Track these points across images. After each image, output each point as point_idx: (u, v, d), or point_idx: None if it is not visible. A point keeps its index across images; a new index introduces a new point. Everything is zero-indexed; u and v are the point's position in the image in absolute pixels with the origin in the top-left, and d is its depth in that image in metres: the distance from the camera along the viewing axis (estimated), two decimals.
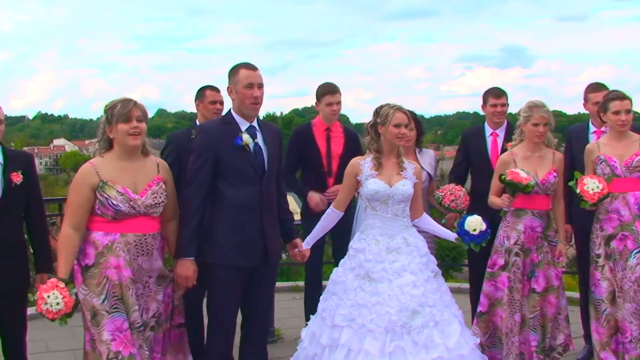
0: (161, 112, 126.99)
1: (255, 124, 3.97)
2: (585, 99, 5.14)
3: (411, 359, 3.81)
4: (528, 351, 4.58)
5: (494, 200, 4.70)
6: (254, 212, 3.88)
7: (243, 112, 3.91)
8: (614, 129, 4.59)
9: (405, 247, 4.10)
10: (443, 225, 5.22)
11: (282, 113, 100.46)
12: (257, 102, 3.90)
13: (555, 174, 4.64)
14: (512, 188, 4.45)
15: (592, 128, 5.11)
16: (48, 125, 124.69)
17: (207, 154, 3.82)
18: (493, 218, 4.67)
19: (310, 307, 4.75)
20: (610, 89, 4.89)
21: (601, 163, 4.57)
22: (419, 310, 3.91)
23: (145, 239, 3.59)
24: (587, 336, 5.16)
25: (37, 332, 4.69)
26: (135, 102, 3.59)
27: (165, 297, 3.70)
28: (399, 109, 4.14)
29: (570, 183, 4.54)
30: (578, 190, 4.44)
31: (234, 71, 3.92)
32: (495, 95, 5.39)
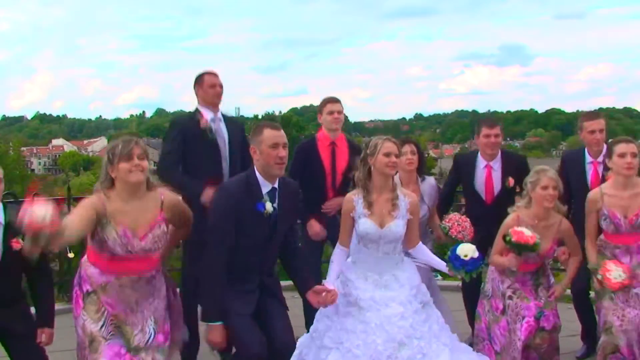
0: (160, 112, 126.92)
1: (276, 184, 3.94)
2: (580, 128, 4.99)
3: None
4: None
5: (498, 260, 4.55)
6: (254, 271, 3.94)
7: (267, 172, 3.87)
8: (619, 174, 4.39)
9: (395, 282, 4.11)
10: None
11: (280, 112, 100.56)
12: (283, 162, 3.86)
13: (555, 246, 4.54)
14: (519, 248, 4.31)
15: (588, 158, 4.97)
16: (47, 125, 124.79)
17: (228, 216, 3.81)
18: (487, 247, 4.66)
19: (310, 313, 4.70)
20: (606, 87, 4.95)
21: (605, 219, 4.44)
22: (405, 342, 3.89)
23: (139, 281, 3.63)
24: (585, 335, 5.17)
25: None
26: (136, 141, 3.61)
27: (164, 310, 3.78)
28: (388, 139, 4.14)
29: (592, 266, 4.47)
30: (600, 276, 4.33)
31: (257, 131, 3.90)
32: (488, 125, 5.12)
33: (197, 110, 4.93)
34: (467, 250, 4.06)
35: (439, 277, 6.58)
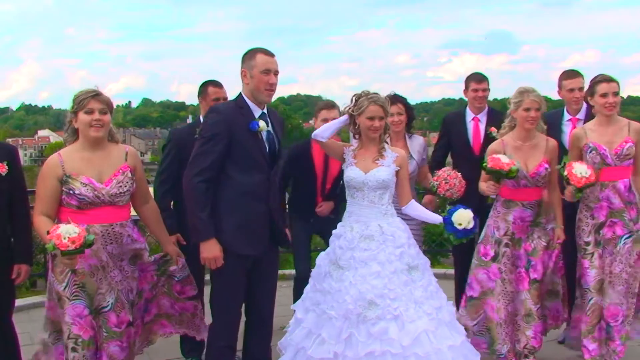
0: (146, 102, 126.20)
1: (265, 110, 3.92)
2: (560, 86, 5.09)
3: (362, 349, 3.80)
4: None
5: (481, 186, 4.61)
6: (262, 200, 3.86)
7: (256, 98, 3.85)
8: (601, 113, 4.50)
9: (380, 235, 4.04)
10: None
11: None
12: (272, 89, 3.86)
13: (546, 165, 4.51)
14: (496, 175, 4.35)
15: (566, 116, 5.08)
16: (32, 117, 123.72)
17: (222, 135, 3.72)
18: (480, 203, 4.66)
19: (300, 291, 4.75)
20: (587, 75, 4.92)
21: (591, 151, 4.47)
22: (377, 302, 3.87)
23: (113, 228, 3.66)
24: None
25: (21, 325, 4.68)
26: (97, 94, 3.64)
27: (141, 272, 3.84)
28: (375, 101, 4.03)
29: (558, 167, 4.44)
30: (565, 173, 4.31)
31: (250, 55, 3.85)
32: (476, 80, 5.42)
33: (198, 121, 4.69)
34: (462, 219, 4.00)
35: None
